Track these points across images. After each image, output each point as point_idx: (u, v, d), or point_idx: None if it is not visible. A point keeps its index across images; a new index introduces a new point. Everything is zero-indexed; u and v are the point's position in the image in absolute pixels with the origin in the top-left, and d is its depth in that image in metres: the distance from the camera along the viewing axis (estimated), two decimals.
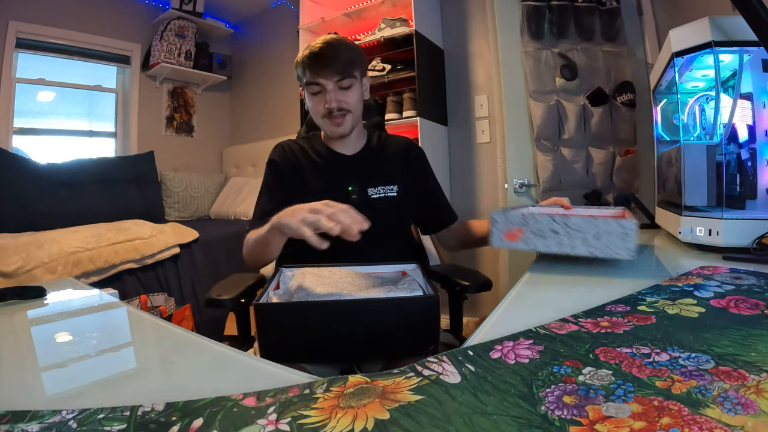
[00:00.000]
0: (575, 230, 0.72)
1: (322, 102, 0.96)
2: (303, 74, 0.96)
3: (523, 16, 1.93)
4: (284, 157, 1.04)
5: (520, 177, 2.01)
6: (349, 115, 0.97)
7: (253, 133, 3.39)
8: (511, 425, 0.29)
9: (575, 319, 0.49)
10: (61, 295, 0.84)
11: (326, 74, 0.93)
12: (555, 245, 0.73)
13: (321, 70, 0.93)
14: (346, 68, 0.94)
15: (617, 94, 1.88)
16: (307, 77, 0.95)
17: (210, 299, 0.91)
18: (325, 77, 0.94)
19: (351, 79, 0.95)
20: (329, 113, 0.96)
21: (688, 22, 0.87)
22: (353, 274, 0.80)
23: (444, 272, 1.05)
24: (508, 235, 0.76)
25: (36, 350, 0.55)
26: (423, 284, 0.73)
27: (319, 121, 1.00)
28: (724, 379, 0.33)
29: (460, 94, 2.34)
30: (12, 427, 0.32)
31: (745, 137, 0.88)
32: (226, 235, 2.46)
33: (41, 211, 2.20)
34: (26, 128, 2.65)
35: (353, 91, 0.97)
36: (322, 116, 0.97)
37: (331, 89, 0.94)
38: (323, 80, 0.94)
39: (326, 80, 0.94)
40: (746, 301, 0.51)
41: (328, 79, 0.94)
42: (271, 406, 0.34)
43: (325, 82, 0.94)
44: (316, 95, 0.96)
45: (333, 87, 0.94)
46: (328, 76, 0.93)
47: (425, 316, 0.60)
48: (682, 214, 0.89)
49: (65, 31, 2.66)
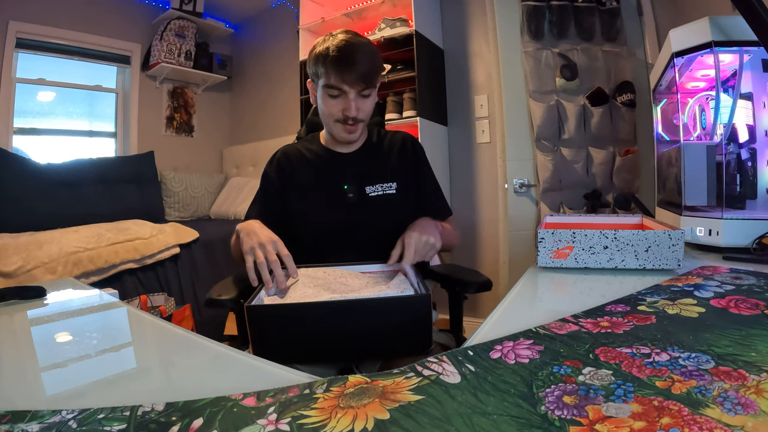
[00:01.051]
0: (626, 244, 0.72)
1: (339, 107, 0.92)
2: (324, 74, 0.90)
3: (523, 16, 1.93)
4: (278, 166, 1.04)
5: (520, 177, 2.01)
6: (361, 124, 0.96)
7: (253, 133, 3.39)
8: (511, 425, 0.29)
9: (575, 319, 0.49)
10: (61, 295, 0.84)
11: (351, 81, 0.88)
12: (606, 260, 0.74)
13: (347, 76, 0.88)
14: (372, 76, 0.90)
15: (617, 94, 1.88)
16: (330, 80, 0.89)
17: (210, 299, 0.91)
18: (349, 84, 0.88)
19: (372, 88, 0.92)
20: (345, 120, 0.93)
21: (688, 22, 0.87)
22: (347, 274, 0.80)
23: (444, 272, 1.05)
24: (557, 253, 0.76)
25: (36, 350, 0.55)
26: (415, 283, 0.73)
27: (329, 123, 0.97)
28: (724, 379, 0.33)
29: (460, 94, 2.34)
30: (12, 427, 0.32)
31: (745, 137, 0.88)
32: (226, 235, 2.45)
33: (41, 211, 2.20)
34: (26, 128, 2.65)
35: (371, 99, 0.94)
36: (336, 120, 0.94)
37: (353, 97, 0.90)
38: (347, 87, 0.89)
39: (350, 87, 0.89)
40: (746, 301, 0.51)
41: (353, 86, 0.89)
42: (271, 406, 0.34)
43: (349, 89, 0.89)
44: (334, 98, 0.92)
45: (355, 95, 0.90)
46: (353, 83, 0.88)
47: (417, 315, 0.60)
48: (682, 214, 0.89)
49: (65, 31, 2.66)
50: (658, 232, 0.71)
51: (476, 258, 2.30)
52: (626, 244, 0.72)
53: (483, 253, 2.29)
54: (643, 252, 0.71)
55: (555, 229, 0.76)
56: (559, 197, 1.97)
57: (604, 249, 0.73)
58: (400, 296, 0.66)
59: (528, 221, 2.01)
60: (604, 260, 0.74)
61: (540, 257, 0.77)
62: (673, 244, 0.70)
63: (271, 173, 1.05)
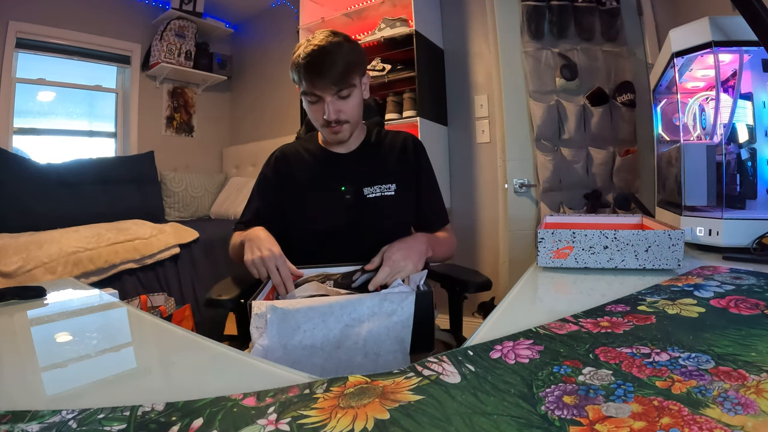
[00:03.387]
0: (626, 244, 0.72)
1: (320, 111, 0.92)
2: (299, 82, 0.91)
3: (523, 16, 1.93)
4: (275, 167, 1.04)
5: (520, 177, 2.01)
6: (347, 125, 0.95)
7: (253, 133, 3.39)
8: (511, 425, 0.29)
9: (575, 319, 0.49)
10: (61, 295, 0.84)
11: (323, 85, 0.88)
12: (606, 260, 0.74)
13: (317, 81, 0.88)
14: (345, 77, 0.89)
15: (617, 94, 1.88)
16: (304, 87, 0.90)
17: (210, 299, 0.91)
18: (321, 89, 0.89)
19: (350, 88, 0.91)
20: (327, 123, 0.93)
21: (688, 22, 0.87)
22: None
23: (444, 272, 1.05)
24: (557, 253, 0.76)
25: (36, 350, 0.55)
26: (419, 281, 0.73)
27: (318, 127, 0.99)
28: (724, 379, 0.33)
29: (460, 94, 2.34)
30: (12, 427, 0.32)
31: (745, 137, 0.88)
32: (226, 235, 2.43)
33: (41, 211, 2.20)
34: (26, 128, 2.65)
35: (352, 99, 0.93)
36: (321, 125, 0.95)
37: (329, 100, 0.90)
38: (319, 92, 0.89)
39: (323, 92, 0.89)
40: (746, 301, 0.51)
41: (325, 91, 0.89)
42: (271, 406, 0.34)
43: (322, 94, 0.89)
44: (314, 104, 0.92)
45: (331, 98, 0.90)
46: (325, 87, 0.88)
47: (419, 314, 0.60)
48: (682, 214, 0.89)
49: (65, 31, 2.66)
50: (658, 232, 0.71)
51: (476, 258, 2.30)
52: (626, 244, 0.72)
53: (483, 253, 2.29)
54: (643, 252, 0.71)
55: (555, 229, 0.76)
56: (559, 197, 1.97)
57: (604, 249, 0.73)
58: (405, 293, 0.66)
59: (528, 221, 2.01)
60: (604, 260, 0.74)
61: (540, 257, 0.77)
62: (673, 244, 0.70)
63: (269, 173, 1.04)
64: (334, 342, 0.59)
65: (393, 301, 0.61)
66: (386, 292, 0.66)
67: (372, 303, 0.61)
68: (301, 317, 0.59)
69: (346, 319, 0.60)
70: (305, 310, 0.59)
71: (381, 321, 0.61)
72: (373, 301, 0.61)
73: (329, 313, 0.60)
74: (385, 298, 0.62)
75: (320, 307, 0.60)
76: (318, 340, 0.59)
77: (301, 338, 0.58)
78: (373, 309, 0.61)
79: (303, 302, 0.61)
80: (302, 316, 0.59)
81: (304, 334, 0.58)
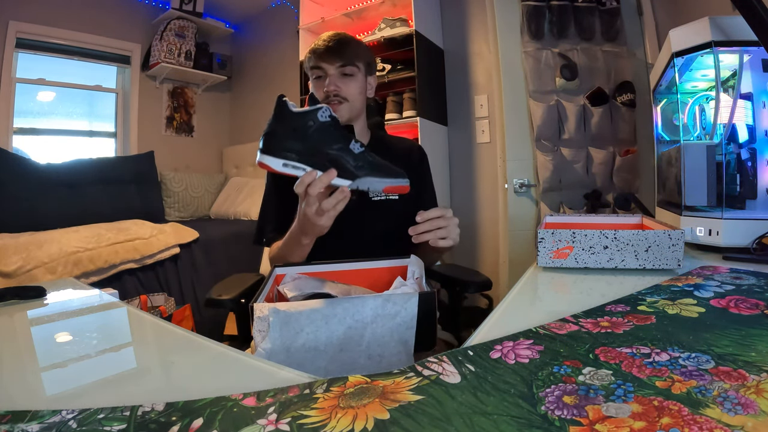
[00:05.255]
0: (626, 244, 0.72)
1: (322, 87, 0.97)
2: (308, 61, 0.99)
3: (523, 16, 1.93)
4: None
5: (520, 177, 2.01)
6: (346, 104, 0.98)
7: (253, 133, 3.39)
8: (511, 425, 0.29)
9: (575, 319, 0.49)
10: (61, 295, 0.84)
11: (328, 59, 0.96)
12: (606, 260, 0.74)
13: (324, 55, 0.96)
14: (350, 57, 0.96)
15: (617, 94, 1.88)
16: (311, 62, 0.98)
17: (210, 299, 0.91)
18: (327, 62, 0.96)
19: (353, 67, 0.97)
20: (326, 98, 0.97)
21: (688, 22, 0.87)
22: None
23: (444, 272, 1.05)
24: (557, 253, 0.76)
25: (36, 350, 0.55)
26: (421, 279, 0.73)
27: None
28: (724, 379, 0.33)
29: (460, 94, 2.34)
30: (12, 427, 0.32)
31: (745, 137, 0.88)
32: (226, 235, 2.46)
33: (41, 211, 2.20)
34: (26, 128, 2.65)
35: (354, 81, 0.98)
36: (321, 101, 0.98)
37: (332, 74, 0.96)
38: (325, 64, 0.96)
39: (328, 65, 0.96)
40: (746, 301, 0.51)
41: (330, 63, 0.96)
42: (271, 406, 0.34)
43: (326, 67, 0.96)
44: (318, 80, 0.98)
45: (334, 72, 0.96)
46: (330, 60, 0.96)
47: (421, 313, 0.60)
48: (682, 214, 0.89)
49: (65, 31, 2.66)
50: (658, 232, 0.71)
51: (476, 258, 2.30)
52: (626, 244, 0.72)
53: (483, 253, 2.29)
54: (643, 252, 0.71)
55: (555, 229, 0.76)
56: (559, 197, 1.96)
57: (604, 249, 0.73)
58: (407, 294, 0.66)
59: (528, 221, 2.01)
60: (604, 260, 0.74)
61: (540, 257, 0.77)
62: (673, 244, 0.70)
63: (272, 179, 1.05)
64: (337, 344, 0.59)
65: (396, 303, 0.61)
66: (389, 293, 0.66)
67: (375, 304, 0.61)
68: (304, 319, 0.59)
69: (348, 320, 0.60)
70: (308, 312, 0.59)
71: (384, 323, 0.60)
72: (376, 303, 0.61)
73: (332, 315, 0.59)
74: (388, 299, 0.62)
75: (322, 309, 0.60)
76: (321, 343, 0.58)
77: (304, 341, 0.58)
78: (376, 310, 0.61)
79: (305, 304, 0.60)
80: (305, 318, 0.59)
81: (307, 336, 0.58)
